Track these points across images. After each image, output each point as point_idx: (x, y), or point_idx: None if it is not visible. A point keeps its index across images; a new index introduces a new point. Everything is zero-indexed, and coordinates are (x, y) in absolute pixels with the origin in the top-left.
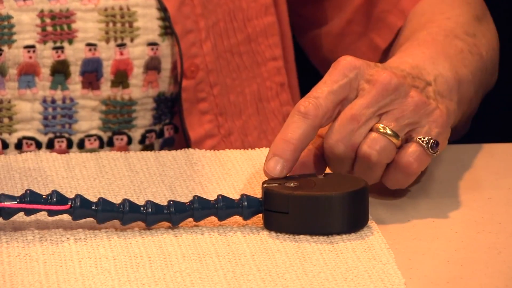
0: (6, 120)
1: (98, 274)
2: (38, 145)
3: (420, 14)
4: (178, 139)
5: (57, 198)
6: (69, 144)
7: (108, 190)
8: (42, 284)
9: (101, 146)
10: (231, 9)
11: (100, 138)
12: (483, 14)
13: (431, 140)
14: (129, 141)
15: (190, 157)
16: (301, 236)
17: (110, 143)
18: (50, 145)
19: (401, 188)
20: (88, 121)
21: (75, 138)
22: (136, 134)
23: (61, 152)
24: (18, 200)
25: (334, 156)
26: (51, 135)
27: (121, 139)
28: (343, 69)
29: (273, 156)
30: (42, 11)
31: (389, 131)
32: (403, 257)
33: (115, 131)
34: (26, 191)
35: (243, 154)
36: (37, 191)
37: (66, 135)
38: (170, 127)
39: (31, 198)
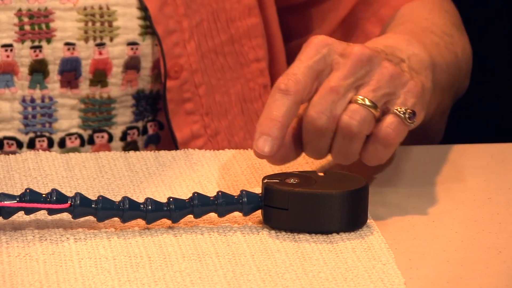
0: None
1: (98, 274)
2: (19, 145)
3: (398, 17)
4: (165, 137)
5: (57, 196)
6: (50, 143)
7: (108, 190)
8: (42, 284)
9: (82, 145)
10: (215, 9)
11: (80, 136)
12: (460, 25)
13: (408, 110)
14: (110, 138)
15: (189, 157)
16: (301, 236)
17: (91, 141)
18: (31, 145)
19: (380, 164)
20: (68, 120)
21: (56, 137)
22: (117, 131)
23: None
24: (18, 199)
25: (315, 129)
26: (31, 135)
27: (102, 137)
28: (315, 46)
29: (261, 135)
30: (20, 10)
31: (368, 102)
32: (403, 257)
33: (95, 129)
34: (25, 190)
35: (242, 154)
36: (37, 190)
37: (47, 134)
38: (154, 124)
39: (30, 197)
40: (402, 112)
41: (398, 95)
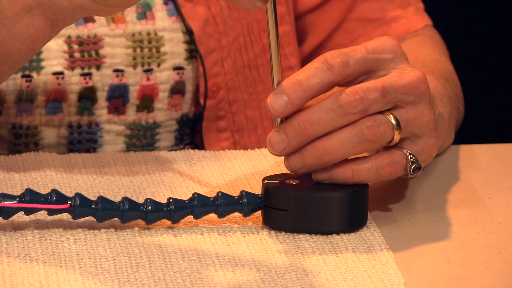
0: (31, 146)
1: (98, 274)
2: None
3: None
4: None
5: (57, 197)
6: None
7: (108, 190)
8: (42, 284)
9: None
10: (249, 22)
11: None
12: (447, 54)
13: (415, 165)
14: None
15: (190, 157)
16: (301, 236)
17: None
18: None
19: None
20: (112, 145)
21: None
22: None
23: None
24: (17, 200)
25: (340, 107)
26: None
27: None
28: (387, 45)
29: (279, 92)
30: (69, 37)
31: (394, 121)
32: (403, 257)
33: None
34: (25, 190)
35: (243, 154)
36: (37, 191)
37: None
38: (191, 146)
39: (30, 197)
40: (411, 161)
41: (419, 142)
